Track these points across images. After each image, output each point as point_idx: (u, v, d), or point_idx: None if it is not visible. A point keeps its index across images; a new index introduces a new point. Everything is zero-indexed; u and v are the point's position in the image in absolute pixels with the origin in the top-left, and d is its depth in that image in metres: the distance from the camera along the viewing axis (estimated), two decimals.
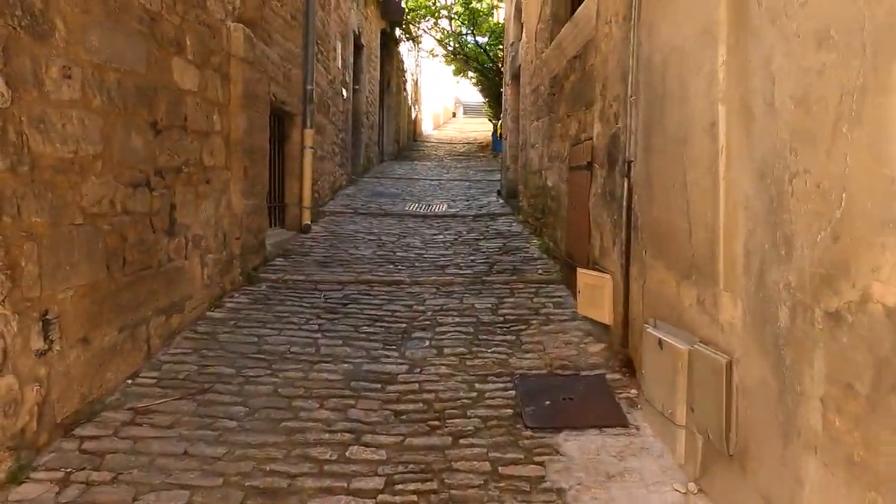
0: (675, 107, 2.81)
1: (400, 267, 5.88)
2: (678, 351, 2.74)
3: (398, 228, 7.56)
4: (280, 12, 6.06)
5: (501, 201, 9.38)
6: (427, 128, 25.83)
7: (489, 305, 4.80)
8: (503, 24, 16.92)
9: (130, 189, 3.46)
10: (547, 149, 6.18)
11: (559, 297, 4.97)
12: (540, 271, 5.65)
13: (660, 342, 2.93)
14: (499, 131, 16.49)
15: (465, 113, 36.90)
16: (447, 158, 16.51)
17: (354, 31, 10.48)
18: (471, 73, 21.05)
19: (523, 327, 4.36)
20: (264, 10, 5.58)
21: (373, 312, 4.66)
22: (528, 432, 2.98)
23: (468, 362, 3.82)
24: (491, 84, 18.86)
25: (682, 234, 2.74)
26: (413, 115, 21.64)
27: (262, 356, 3.83)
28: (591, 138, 4.38)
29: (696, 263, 2.62)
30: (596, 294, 3.99)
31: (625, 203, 3.51)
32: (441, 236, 7.15)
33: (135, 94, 3.50)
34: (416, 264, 5.99)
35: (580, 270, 4.24)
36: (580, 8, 4.48)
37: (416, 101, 22.37)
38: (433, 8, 16.87)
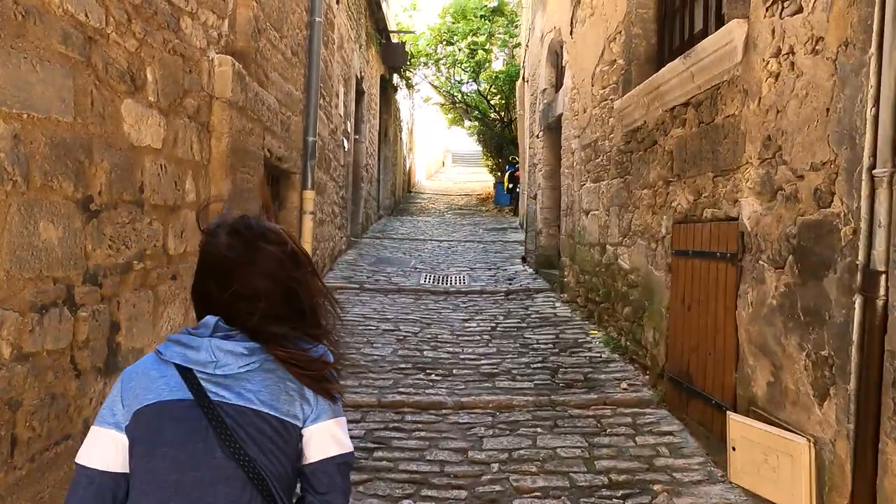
0: None
1: (433, 376, 4.43)
2: None
3: (417, 311, 6.13)
4: (279, 45, 4.77)
5: (530, 270, 8.03)
6: (420, 177, 24.73)
7: (578, 451, 3.35)
8: (508, 69, 16.01)
9: (34, 315, 2.03)
10: (619, 219, 4.87)
11: (671, 434, 3.54)
12: (624, 385, 4.24)
13: None
14: (506, 184, 15.35)
15: (454, 162, 36.05)
16: (448, 213, 15.23)
17: (357, 76, 9.30)
18: (467, 122, 20.12)
19: (645, 500, 2.91)
20: (260, 41, 4.27)
21: (412, 469, 3.18)
22: None
23: None
24: (492, 134, 17.87)
25: None
26: (408, 166, 20.52)
27: None
28: (732, 218, 3.06)
29: None
30: (773, 463, 2.58)
31: (855, 337, 2.15)
32: (474, 324, 5.73)
33: (50, 156, 2.10)
34: (455, 371, 4.53)
35: (734, 418, 2.84)
36: (708, 39, 3.24)
37: (410, 150, 21.32)
38: (435, 55, 15.90)
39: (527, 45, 10.53)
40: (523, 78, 12.16)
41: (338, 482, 1.04)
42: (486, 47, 15.41)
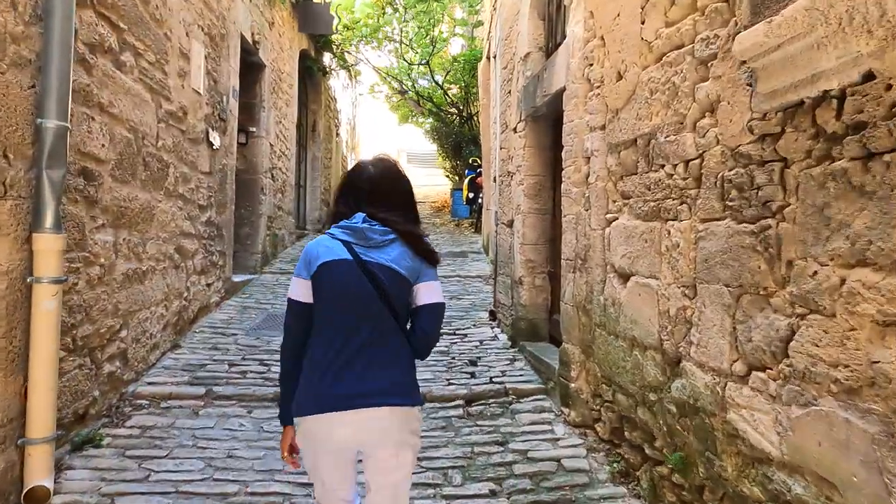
0: None
1: None
2: None
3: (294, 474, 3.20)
4: None
5: (504, 339, 5.22)
6: None
7: None
8: (468, 53, 13.20)
9: None
10: (730, 317, 2.07)
11: None
12: None
13: None
14: (465, 193, 12.56)
15: (409, 162, 33.05)
16: None
17: (244, 37, 6.29)
18: (422, 119, 17.22)
19: None
20: None
21: None
22: None
23: None
24: (449, 130, 15.03)
25: None
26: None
27: None
28: None
29: None
30: None
31: None
32: None
33: None
34: None
35: None
36: None
37: (353, 148, 18.30)
38: (376, 25, 12.84)
39: (493, 8, 7.75)
40: (488, 56, 9.37)
41: (433, 320, 1.78)
42: (442, 17, 12.48)
